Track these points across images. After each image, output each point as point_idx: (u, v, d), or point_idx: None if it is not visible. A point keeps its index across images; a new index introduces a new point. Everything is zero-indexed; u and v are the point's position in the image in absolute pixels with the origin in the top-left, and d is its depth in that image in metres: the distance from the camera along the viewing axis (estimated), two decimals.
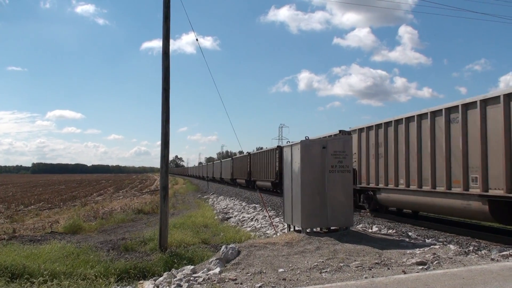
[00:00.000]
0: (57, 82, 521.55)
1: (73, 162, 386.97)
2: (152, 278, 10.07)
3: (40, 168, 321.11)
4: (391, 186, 17.58)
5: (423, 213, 19.18)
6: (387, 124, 17.98)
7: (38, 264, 10.73)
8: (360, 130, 20.05)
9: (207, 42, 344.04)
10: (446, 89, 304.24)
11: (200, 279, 7.97)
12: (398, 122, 17.25)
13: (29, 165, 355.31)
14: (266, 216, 19.22)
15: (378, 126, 18.56)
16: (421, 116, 15.81)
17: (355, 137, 19.93)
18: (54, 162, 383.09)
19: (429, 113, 15.31)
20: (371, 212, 19.50)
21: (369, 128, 19.36)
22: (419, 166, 15.82)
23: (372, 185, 19.00)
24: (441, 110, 14.73)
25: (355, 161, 18.95)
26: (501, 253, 9.79)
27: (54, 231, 18.17)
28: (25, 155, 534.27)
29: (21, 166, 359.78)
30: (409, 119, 16.49)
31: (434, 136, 15.08)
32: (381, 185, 18.32)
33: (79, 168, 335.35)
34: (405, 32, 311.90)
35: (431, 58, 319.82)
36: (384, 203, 18.82)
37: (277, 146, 36.13)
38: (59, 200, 38.60)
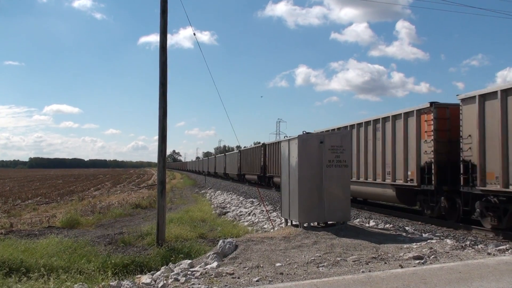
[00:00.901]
0: (54, 76, 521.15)
1: (70, 157, 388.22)
2: (149, 272, 10.05)
3: (38, 163, 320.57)
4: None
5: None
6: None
7: (36, 258, 10.73)
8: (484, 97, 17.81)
9: (204, 37, 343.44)
10: (443, 84, 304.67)
11: (198, 273, 7.97)
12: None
13: (27, 159, 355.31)
14: (263, 211, 19.24)
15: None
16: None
17: (470, 109, 14.21)
18: (52, 156, 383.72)
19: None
20: (499, 232, 17.67)
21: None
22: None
23: None
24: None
25: (469, 148, 15.53)
26: (498, 248, 9.83)
27: (52, 226, 18.18)
28: (22, 150, 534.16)
29: (18, 160, 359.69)
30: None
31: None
32: None
33: (76, 163, 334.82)
34: (403, 27, 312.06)
35: (428, 53, 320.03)
36: None
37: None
38: (56, 195, 38.60)
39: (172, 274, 8.37)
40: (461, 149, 14.08)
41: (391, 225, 14.03)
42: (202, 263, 9.07)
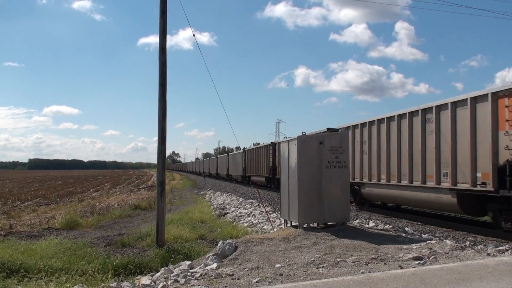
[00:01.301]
0: (54, 77, 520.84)
1: (69, 158, 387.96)
2: (149, 273, 10.06)
3: (37, 164, 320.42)
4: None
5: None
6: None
7: (35, 260, 10.73)
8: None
9: (204, 38, 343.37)
10: (442, 85, 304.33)
11: (197, 275, 7.97)
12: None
13: (26, 160, 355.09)
14: (263, 212, 19.24)
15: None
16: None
17: None
18: (51, 158, 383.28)
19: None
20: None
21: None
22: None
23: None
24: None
25: None
26: (497, 248, 9.83)
27: (51, 227, 18.17)
28: (21, 151, 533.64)
29: (17, 162, 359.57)
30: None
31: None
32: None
33: (75, 164, 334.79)
34: (402, 28, 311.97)
35: (427, 54, 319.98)
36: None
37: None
38: (55, 196, 38.57)
39: (171, 275, 8.37)
40: None
41: (390, 226, 14.03)
42: (202, 264, 9.07)
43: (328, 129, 20.07)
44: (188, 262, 9.50)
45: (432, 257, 8.66)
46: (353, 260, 8.49)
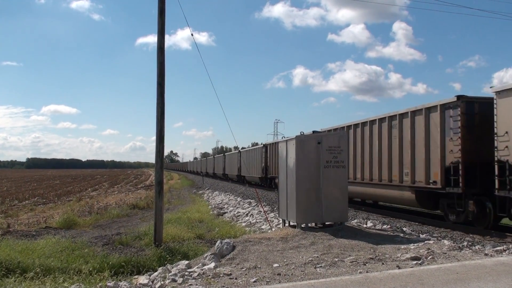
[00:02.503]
0: (52, 77, 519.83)
1: (68, 157, 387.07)
2: (147, 273, 10.07)
3: (35, 163, 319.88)
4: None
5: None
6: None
7: (33, 259, 10.71)
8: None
9: (202, 37, 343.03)
10: (440, 85, 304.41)
11: (195, 274, 7.97)
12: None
13: (24, 160, 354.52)
14: (261, 212, 19.23)
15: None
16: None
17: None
18: (49, 157, 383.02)
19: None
20: None
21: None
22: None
23: None
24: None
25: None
26: (495, 248, 9.85)
27: (49, 226, 18.13)
28: (19, 150, 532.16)
29: (15, 161, 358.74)
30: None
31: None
32: None
33: (74, 163, 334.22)
34: (399, 28, 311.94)
35: (425, 54, 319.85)
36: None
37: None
38: (53, 195, 38.53)
39: (169, 274, 8.37)
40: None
41: (388, 226, 14.03)
42: (200, 264, 9.07)
43: (458, 97, 14.37)
44: (186, 262, 9.50)
45: (430, 257, 8.67)
46: (351, 260, 8.50)
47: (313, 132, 19.75)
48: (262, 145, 40.26)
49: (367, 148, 19.53)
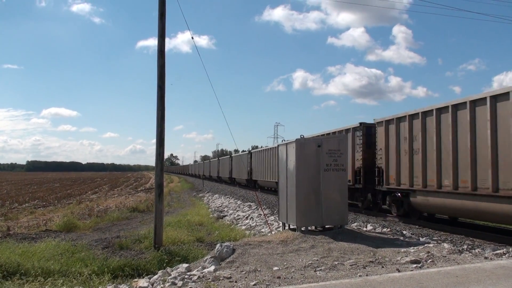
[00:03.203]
0: (52, 80, 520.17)
1: (68, 160, 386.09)
2: (146, 276, 10.07)
3: (35, 166, 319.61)
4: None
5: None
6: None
7: (33, 262, 10.71)
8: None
9: (203, 41, 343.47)
10: (440, 88, 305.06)
11: (195, 277, 7.97)
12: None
13: (24, 162, 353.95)
14: (261, 215, 19.23)
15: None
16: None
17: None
18: (49, 160, 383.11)
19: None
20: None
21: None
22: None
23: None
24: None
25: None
26: (495, 252, 9.84)
27: (49, 229, 18.12)
28: (19, 153, 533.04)
29: (15, 163, 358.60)
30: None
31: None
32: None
33: (74, 166, 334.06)
34: (399, 31, 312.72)
35: (425, 57, 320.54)
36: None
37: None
38: (53, 198, 38.47)
39: (169, 278, 8.37)
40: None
41: (388, 229, 14.01)
42: (200, 267, 9.07)
43: (361, 123, 20.78)
44: (185, 265, 9.50)
45: (430, 260, 8.67)
46: (350, 263, 8.49)
47: (360, 124, 20.91)
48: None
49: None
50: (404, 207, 17.33)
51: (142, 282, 8.96)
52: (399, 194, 17.52)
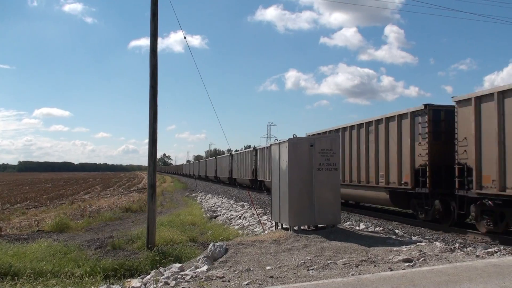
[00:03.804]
0: (45, 80, 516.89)
1: (60, 160, 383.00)
2: (139, 276, 10.05)
3: (27, 166, 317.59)
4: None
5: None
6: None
7: (25, 263, 10.68)
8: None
9: (195, 41, 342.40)
10: (432, 88, 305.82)
11: (188, 277, 7.97)
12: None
13: (16, 163, 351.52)
14: (254, 214, 19.24)
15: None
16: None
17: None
18: (41, 160, 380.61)
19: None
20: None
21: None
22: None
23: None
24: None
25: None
26: (486, 250, 9.91)
27: (41, 230, 18.06)
28: (11, 153, 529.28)
29: (7, 164, 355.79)
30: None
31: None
32: None
33: (66, 166, 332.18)
34: (391, 31, 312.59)
35: (417, 57, 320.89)
36: None
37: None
38: (46, 199, 38.32)
39: (162, 277, 8.36)
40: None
41: (381, 228, 14.08)
42: (192, 267, 9.07)
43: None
44: (178, 265, 9.50)
45: (422, 259, 8.71)
46: (343, 262, 8.52)
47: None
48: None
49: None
50: (506, 221, 12.82)
51: (135, 282, 8.95)
52: (489, 202, 13.18)
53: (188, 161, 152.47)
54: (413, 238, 12.02)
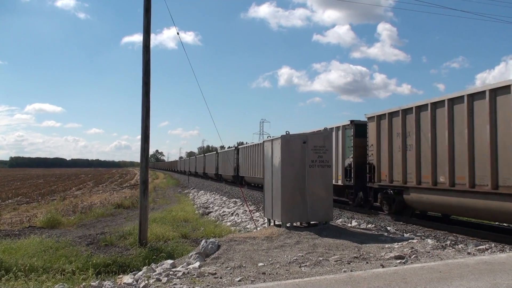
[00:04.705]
0: (37, 75, 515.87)
1: (52, 156, 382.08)
2: (131, 272, 10.01)
3: (18, 162, 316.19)
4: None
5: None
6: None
7: (16, 258, 10.60)
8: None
9: (188, 37, 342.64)
10: (424, 86, 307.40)
11: (180, 274, 7.95)
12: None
13: (7, 159, 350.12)
14: (246, 211, 19.25)
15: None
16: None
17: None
18: (33, 156, 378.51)
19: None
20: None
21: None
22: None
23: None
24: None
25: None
26: (478, 247, 9.96)
27: (32, 226, 17.98)
28: (2, 149, 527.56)
29: None
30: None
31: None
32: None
33: (58, 162, 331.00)
34: (384, 29, 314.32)
35: (410, 55, 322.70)
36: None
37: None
38: (37, 195, 38.17)
39: (154, 274, 8.34)
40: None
41: (373, 225, 14.12)
42: (185, 263, 9.05)
43: (351, 121, 20.04)
44: (170, 261, 9.47)
45: (414, 256, 8.74)
46: (335, 259, 8.53)
47: (351, 122, 20.25)
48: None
49: None
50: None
51: (127, 278, 8.91)
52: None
53: (180, 157, 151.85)
54: (405, 235, 12.06)
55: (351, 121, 19.99)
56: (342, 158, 20.52)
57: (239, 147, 46.05)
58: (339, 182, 20.62)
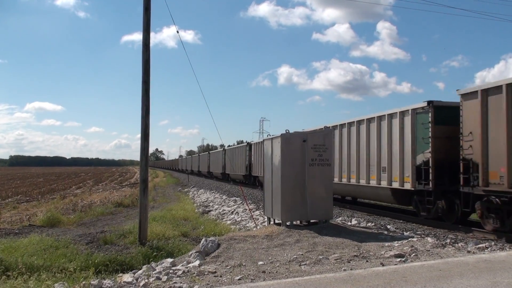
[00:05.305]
0: (37, 74, 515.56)
1: (52, 155, 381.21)
2: (131, 271, 10.02)
3: (18, 161, 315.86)
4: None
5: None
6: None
7: (16, 257, 10.61)
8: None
9: (188, 36, 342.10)
10: (424, 84, 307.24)
11: (180, 272, 7.95)
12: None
13: (7, 157, 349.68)
14: (246, 209, 19.24)
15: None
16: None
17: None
18: (33, 154, 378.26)
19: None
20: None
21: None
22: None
23: None
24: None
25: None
26: (477, 246, 9.95)
27: (32, 224, 17.96)
28: (2, 148, 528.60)
29: None
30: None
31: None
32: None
33: (58, 161, 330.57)
34: (384, 27, 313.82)
35: (409, 53, 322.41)
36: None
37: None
38: (37, 193, 38.13)
39: (154, 273, 8.34)
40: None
41: (373, 224, 14.12)
42: (184, 262, 9.06)
43: (429, 102, 14.93)
44: (170, 260, 9.48)
45: (413, 254, 8.75)
46: (335, 257, 8.54)
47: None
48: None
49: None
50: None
51: (127, 277, 8.91)
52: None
53: (180, 156, 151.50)
54: (405, 233, 12.06)
55: (429, 102, 14.82)
56: (411, 154, 15.49)
57: (251, 143, 40.63)
58: (406, 186, 15.82)
